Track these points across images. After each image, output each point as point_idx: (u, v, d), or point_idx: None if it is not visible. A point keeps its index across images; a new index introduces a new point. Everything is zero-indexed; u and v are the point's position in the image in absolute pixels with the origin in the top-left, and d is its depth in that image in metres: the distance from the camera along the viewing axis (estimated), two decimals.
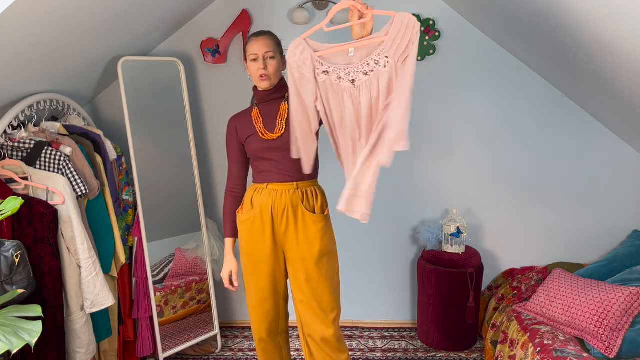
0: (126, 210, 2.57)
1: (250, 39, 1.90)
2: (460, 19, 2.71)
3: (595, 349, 2.06)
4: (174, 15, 2.55)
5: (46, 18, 1.70)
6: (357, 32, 1.71)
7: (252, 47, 1.87)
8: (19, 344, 1.23)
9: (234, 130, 1.97)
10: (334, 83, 1.69)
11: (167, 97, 2.65)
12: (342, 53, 1.67)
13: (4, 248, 1.70)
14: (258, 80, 1.89)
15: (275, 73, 1.89)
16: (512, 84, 2.77)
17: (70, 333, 2.03)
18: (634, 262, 2.53)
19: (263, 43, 1.86)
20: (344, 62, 1.68)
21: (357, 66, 1.66)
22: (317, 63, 1.69)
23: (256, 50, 1.86)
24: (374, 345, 2.88)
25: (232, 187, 2.01)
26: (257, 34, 1.91)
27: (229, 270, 2.01)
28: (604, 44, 1.87)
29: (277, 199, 1.89)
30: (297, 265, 1.93)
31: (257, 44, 1.86)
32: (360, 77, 1.67)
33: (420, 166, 2.91)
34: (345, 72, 1.67)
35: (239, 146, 1.98)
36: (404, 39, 1.61)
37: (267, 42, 1.87)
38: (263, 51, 1.85)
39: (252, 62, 1.87)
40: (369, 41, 1.64)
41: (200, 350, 2.81)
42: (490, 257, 2.95)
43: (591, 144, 2.80)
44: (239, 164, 2.00)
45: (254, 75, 1.90)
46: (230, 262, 2.01)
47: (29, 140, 2.04)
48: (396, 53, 1.63)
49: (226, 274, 2.02)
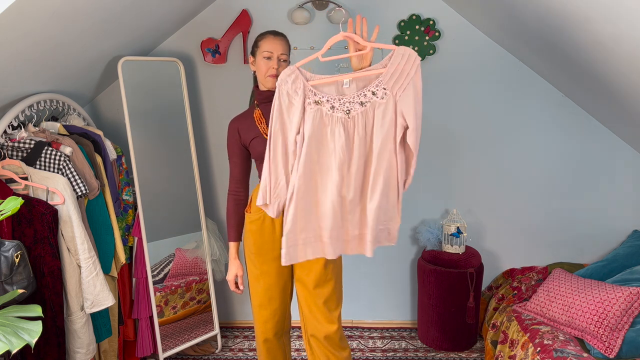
0: (126, 210, 2.57)
1: (267, 36, 1.87)
2: (460, 19, 2.71)
3: (595, 349, 2.06)
4: (174, 15, 2.55)
5: (46, 18, 1.70)
6: (355, 63, 1.69)
7: (267, 44, 1.85)
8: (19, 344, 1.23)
9: (236, 133, 1.93)
10: (326, 114, 1.64)
11: (167, 97, 2.65)
12: (336, 84, 1.64)
13: (4, 248, 1.69)
14: (265, 78, 1.86)
15: None
16: (512, 84, 2.77)
17: (70, 333, 2.03)
18: (634, 262, 2.53)
19: (280, 44, 1.85)
20: (337, 93, 1.65)
21: (352, 97, 1.64)
22: (309, 92, 1.64)
23: (272, 49, 1.84)
24: (374, 345, 2.88)
25: (234, 190, 1.98)
26: (275, 33, 1.89)
27: (235, 273, 2.00)
28: (604, 44, 1.87)
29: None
30: (304, 265, 1.93)
31: (275, 43, 1.85)
32: (356, 108, 1.64)
33: (420, 166, 2.90)
34: (340, 103, 1.64)
35: (242, 149, 1.95)
36: (404, 72, 1.60)
37: (283, 44, 1.87)
38: (279, 52, 1.84)
39: (264, 59, 1.85)
40: (366, 73, 1.63)
41: (200, 350, 2.81)
42: (490, 257, 2.95)
43: (591, 144, 2.80)
44: (241, 166, 1.97)
45: (262, 72, 1.86)
46: (236, 266, 1.99)
47: (29, 140, 2.04)
48: (394, 86, 1.62)
49: (232, 278, 2.00)
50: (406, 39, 2.70)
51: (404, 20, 2.69)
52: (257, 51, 1.88)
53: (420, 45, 2.71)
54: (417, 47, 2.71)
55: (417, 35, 2.70)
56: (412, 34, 2.70)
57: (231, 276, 2.00)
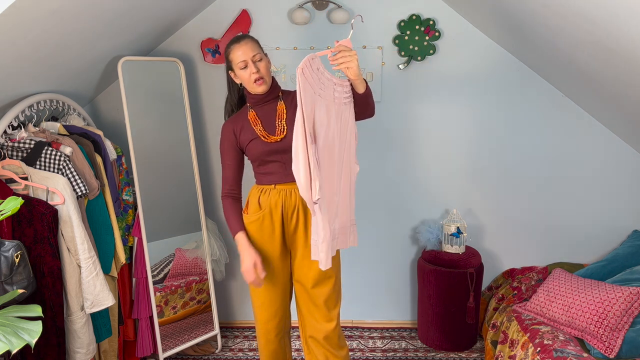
0: (126, 210, 2.57)
1: (231, 47, 1.83)
2: (460, 19, 2.72)
3: (595, 349, 2.06)
4: (174, 15, 2.55)
5: (46, 18, 1.70)
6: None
7: (236, 54, 1.81)
8: (19, 344, 1.23)
9: (231, 136, 1.91)
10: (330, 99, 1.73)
11: (167, 97, 2.65)
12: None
13: (4, 248, 1.69)
14: (254, 86, 1.83)
15: (269, 74, 1.85)
16: (512, 84, 2.77)
17: (70, 333, 2.03)
18: (634, 262, 2.53)
19: (247, 47, 1.80)
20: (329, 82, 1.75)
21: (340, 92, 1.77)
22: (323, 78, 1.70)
23: (243, 57, 1.79)
24: (374, 345, 2.88)
25: (229, 191, 1.95)
26: (237, 39, 1.84)
27: (252, 261, 1.83)
28: (604, 44, 1.87)
29: (287, 199, 1.88)
30: (304, 264, 1.93)
31: (242, 50, 1.80)
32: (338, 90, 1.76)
33: (420, 166, 2.91)
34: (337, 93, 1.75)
35: (237, 151, 1.93)
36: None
37: (250, 45, 1.82)
38: (250, 55, 1.80)
39: (241, 69, 1.82)
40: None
41: (200, 350, 2.81)
42: (490, 257, 2.95)
43: (591, 144, 2.80)
44: (235, 168, 1.94)
45: (247, 82, 1.84)
46: (250, 254, 1.85)
47: (29, 140, 2.04)
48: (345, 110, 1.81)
49: (249, 266, 1.83)
50: (406, 39, 2.71)
51: (404, 20, 2.69)
52: (232, 65, 1.85)
53: (420, 45, 2.71)
54: (417, 47, 2.71)
55: (417, 35, 2.70)
56: (412, 34, 2.70)
57: (248, 264, 1.84)
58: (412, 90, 2.81)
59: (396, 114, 2.84)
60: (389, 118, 2.84)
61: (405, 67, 2.76)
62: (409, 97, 2.82)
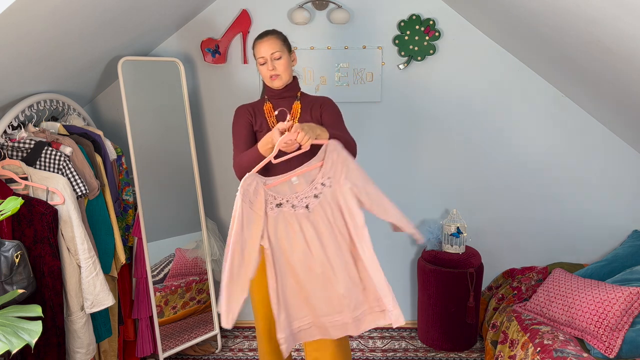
0: (126, 210, 2.57)
1: (256, 42, 1.91)
2: (460, 19, 2.72)
3: (595, 349, 2.06)
4: (173, 15, 2.55)
5: (46, 18, 1.70)
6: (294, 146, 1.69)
7: (258, 50, 1.89)
8: (19, 344, 1.23)
9: (248, 116, 1.92)
10: (289, 213, 1.69)
11: (167, 97, 2.65)
12: (288, 182, 1.71)
13: (4, 248, 1.69)
14: (270, 81, 1.90)
15: (286, 71, 1.89)
16: (511, 84, 2.77)
17: (70, 333, 2.03)
18: (634, 262, 2.54)
19: (268, 45, 1.87)
20: (290, 191, 1.71)
21: (305, 192, 1.73)
22: (270, 197, 1.68)
23: (263, 53, 1.87)
24: (374, 345, 2.88)
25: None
26: (261, 35, 1.90)
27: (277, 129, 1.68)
28: (604, 44, 1.87)
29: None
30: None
31: (263, 47, 1.87)
32: (313, 201, 1.72)
33: (420, 166, 2.91)
34: (298, 200, 1.72)
35: (251, 132, 1.91)
36: (338, 160, 1.72)
37: (271, 42, 1.87)
38: (269, 53, 1.86)
39: (260, 65, 1.89)
40: (309, 168, 1.72)
41: (200, 350, 2.81)
42: (490, 257, 2.95)
43: (591, 144, 2.80)
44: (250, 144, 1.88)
45: (264, 76, 1.91)
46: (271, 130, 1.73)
47: (29, 140, 2.04)
48: (336, 173, 1.73)
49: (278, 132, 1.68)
50: (406, 39, 2.70)
51: (404, 20, 2.69)
52: (255, 58, 1.92)
53: (420, 45, 2.71)
54: (417, 47, 2.71)
55: (417, 35, 2.70)
56: (412, 34, 2.70)
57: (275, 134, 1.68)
58: (412, 90, 2.81)
59: (396, 114, 2.84)
60: (388, 118, 2.84)
61: (405, 67, 2.76)
62: (409, 97, 2.82)
